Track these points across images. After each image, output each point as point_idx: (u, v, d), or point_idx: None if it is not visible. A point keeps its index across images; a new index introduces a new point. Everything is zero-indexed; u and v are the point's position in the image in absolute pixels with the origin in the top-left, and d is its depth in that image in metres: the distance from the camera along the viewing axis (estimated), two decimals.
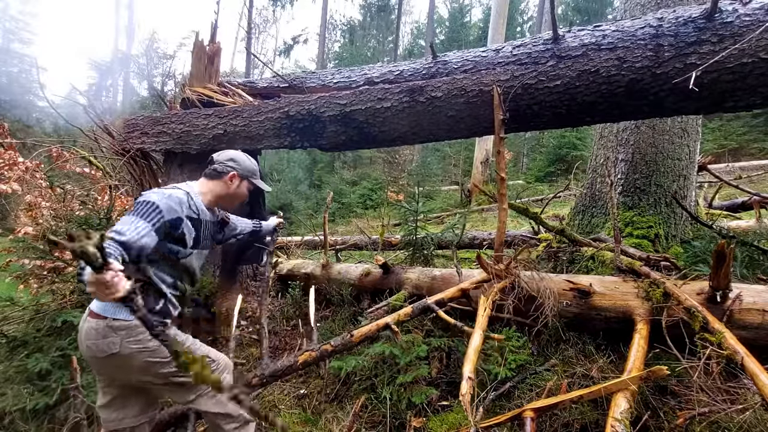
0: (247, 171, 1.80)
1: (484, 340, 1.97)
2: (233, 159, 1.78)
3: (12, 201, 4.96)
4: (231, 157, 1.78)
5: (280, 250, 5.95)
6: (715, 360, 1.65)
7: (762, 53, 2.04)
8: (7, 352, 2.32)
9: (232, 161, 1.76)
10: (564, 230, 3.18)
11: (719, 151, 10.87)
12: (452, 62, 2.86)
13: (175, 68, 33.36)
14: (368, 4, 30.31)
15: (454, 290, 2.37)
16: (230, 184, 1.74)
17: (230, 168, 1.74)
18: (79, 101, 4.17)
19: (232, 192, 1.76)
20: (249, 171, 1.81)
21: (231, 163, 1.76)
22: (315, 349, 2.17)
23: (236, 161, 1.77)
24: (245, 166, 1.80)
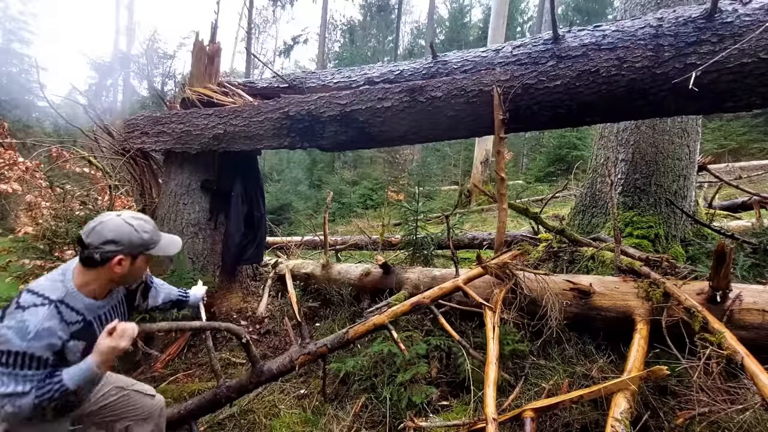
0: (136, 246, 1.37)
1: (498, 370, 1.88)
2: (114, 241, 1.32)
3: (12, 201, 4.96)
4: (109, 239, 1.32)
5: (280, 250, 5.95)
6: (715, 360, 1.64)
7: (762, 53, 2.04)
8: None
9: (112, 244, 1.32)
10: (564, 230, 3.18)
11: (719, 151, 10.87)
12: (452, 62, 2.86)
13: (175, 68, 33.38)
14: (368, 4, 30.29)
15: (450, 286, 2.33)
16: (120, 267, 1.34)
17: (112, 253, 1.32)
18: (79, 101, 4.17)
19: (125, 274, 1.38)
20: (139, 245, 1.38)
21: (111, 246, 1.32)
22: (311, 351, 2.15)
23: (118, 242, 1.33)
24: (131, 243, 1.35)
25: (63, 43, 57.47)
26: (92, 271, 1.34)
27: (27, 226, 3.74)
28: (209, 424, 2.29)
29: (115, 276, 1.37)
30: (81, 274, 1.34)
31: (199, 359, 3.08)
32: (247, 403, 2.43)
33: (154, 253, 1.45)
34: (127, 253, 1.35)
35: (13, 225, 4.38)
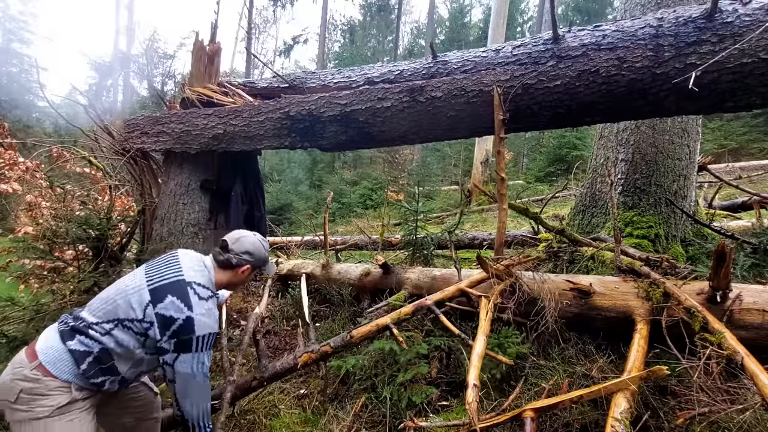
0: (260, 262, 1.73)
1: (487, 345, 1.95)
2: (249, 252, 1.67)
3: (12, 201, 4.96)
4: (247, 249, 1.67)
5: (281, 250, 5.96)
6: (715, 360, 1.64)
7: (762, 53, 2.05)
8: (8, 352, 2.31)
9: (248, 254, 1.67)
10: (564, 230, 3.18)
11: (719, 151, 10.87)
12: (452, 62, 2.86)
13: (175, 68, 33.38)
14: (368, 4, 30.29)
15: (453, 289, 2.36)
16: (240, 276, 1.69)
17: (245, 262, 1.67)
18: (79, 101, 4.17)
19: (239, 280, 1.71)
20: (262, 262, 1.73)
21: (246, 257, 1.67)
22: (315, 350, 2.16)
23: (252, 254, 1.68)
24: (259, 258, 1.71)
25: (63, 43, 57.42)
26: (223, 271, 1.65)
27: (27, 226, 3.74)
28: None
29: (233, 281, 1.68)
30: (217, 273, 1.63)
31: None
32: (247, 403, 2.43)
33: (264, 271, 1.80)
34: (253, 265, 1.70)
35: (13, 225, 4.38)
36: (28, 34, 23.43)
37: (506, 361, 2.00)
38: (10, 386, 1.34)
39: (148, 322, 1.41)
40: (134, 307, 1.42)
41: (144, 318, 1.41)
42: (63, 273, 3.16)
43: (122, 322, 1.42)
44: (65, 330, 1.43)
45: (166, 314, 1.40)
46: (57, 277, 3.12)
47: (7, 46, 22.63)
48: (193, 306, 1.43)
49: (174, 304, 1.42)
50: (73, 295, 2.80)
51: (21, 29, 23.11)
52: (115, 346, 1.41)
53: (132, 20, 32.93)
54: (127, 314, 1.42)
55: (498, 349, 2.18)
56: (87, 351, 1.39)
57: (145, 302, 1.42)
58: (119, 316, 1.42)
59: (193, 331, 1.42)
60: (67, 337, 1.41)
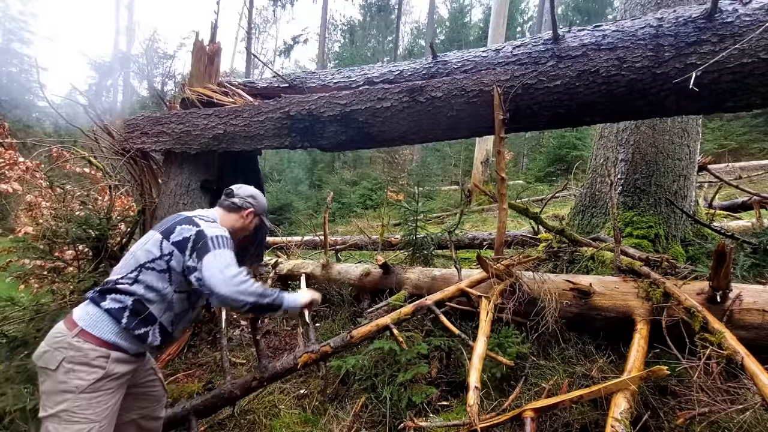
0: (262, 210, 1.87)
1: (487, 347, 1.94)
2: (253, 196, 1.83)
3: (12, 201, 4.96)
4: (251, 194, 1.84)
5: (280, 250, 5.96)
6: (715, 360, 1.64)
7: (762, 53, 2.04)
8: (8, 352, 2.31)
9: (252, 198, 1.82)
10: (564, 230, 3.18)
11: (719, 151, 10.86)
12: (452, 62, 2.86)
13: (175, 68, 33.37)
14: (368, 4, 30.28)
15: (453, 289, 2.36)
16: (245, 219, 1.80)
17: (249, 204, 1.81)
18: (79, 101, 4.17)
19: (244, 226, 1.82)
20: (263, 210, 1.89)
21: (251, 200, 1.82)
22: (315, 351, 2.16)
23: (255, 199, 1.84)
24: (261, 205, 1.87)
25: (63, 43, 57.43)
26: (228, 215, 1.76)
27: (27, 226, 3.74)
28: (209, 423, 2.29)
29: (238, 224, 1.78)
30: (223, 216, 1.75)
31: (199, 359, 3.08)
32: (247, 403, 2.43)
33: (265, 220, 1.91)
34: (256, 211, 1.83)
35: (13, 225, 4.38)
36: (28, 34, 23.45)
37: (507, 362, 2.01)
38: (53, 354, 1.38)
39: (167, 254, 1.51)
40: (150, 249, 1.53)
41: (162, 253, 1.51)
42: (63, 273, 3.16)
43: (144, 266, 1.50)
44: (95, 296, 1.50)
45: (180, 238, 1.52)
46: (57, 277, 3.13)
47: (7, 46, 22.63)
48: (200, 224, 1.57)
49: (184, 229, 1.54)
50: (73, 295, 2.80)
51: (21, 29, 23.12)
52: (145, 291, 1.49)
53: (132, 20, 32.94)
54: (147, 257, 1.51)
55: (498, 349, 2.18)
56: (122, 306, 1.46)
57: (158, 241, 1.53)
58: (140, 262, 1.51)
59: (205, 235, 1.52)
60: (99, 300, 1.48)
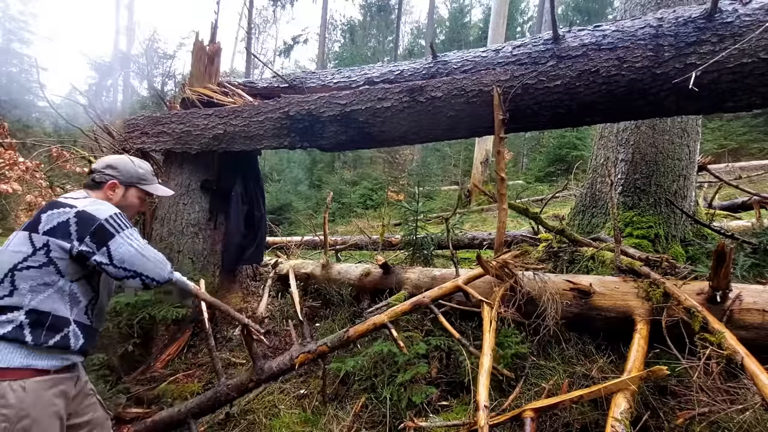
0: (131, 177, 1.57)
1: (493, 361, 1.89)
2: (111, 165, 1.54)
3: (12, 201, 4.96)
4: (109, 163, 1.55)
5: (281, 250, 5.95)
6: (715, 360, 1.64)
7: (762, 53, 2.04)
8: None
9: (110, 168, 1.53)
10: (564, 230, 3.18)
11: (719, 151, 10.86)
12: (452, 62, 2.86)
13: (175, 68, 33.34)
14: (368, 4, 30.28)
15: (450, 286, 2.32)
16: (111, 194, 1.53)
17: (108, 176, 1.52)
18: (79, 101, 4.17)
19: (117, 202, 1.53)
20: (134, 177, 1.57)
21: (109, 170, 1.53)
22: (312, 350, 2.15)
23: (115, 167, 1.54)
24: (128, 172, 1.56)
25: (63, 43, 57.44)
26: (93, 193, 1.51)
27: None
28: (209, 424, 2.29)
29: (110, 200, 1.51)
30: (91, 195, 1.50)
31: (199, 359, 3.08)
32: (247, 403, 2.43)
33: (145, 188, 1.61)
34: (121, 180, 1.55)
35: (13, 225, 4.38)
36: (28, 34, 23.43)
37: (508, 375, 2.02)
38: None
39: (42, 246, 1.30)
40: (18, 249, 1.30)
41: (36, 247, 1.30)
42: None
43: (15, 268, 1.28)
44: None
45: (53, 225, 1.31)
46: None
47: (7, 46, 22.62)
48: (73, 204, 1.37)
49: (53, 214, 1.33)
50: None
51: (21, 29, 23.10)
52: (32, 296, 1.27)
53: (132, 20, 32.94)
54: (16, 258, 1.29)
55: (498, 348, 2.18)
56: (16, 325, 1.24)
57: (26, 236, 1.31)
58: (9, 266, 1.28)
59: (93, 218, 1.34)
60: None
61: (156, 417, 2.11)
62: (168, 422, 2.10)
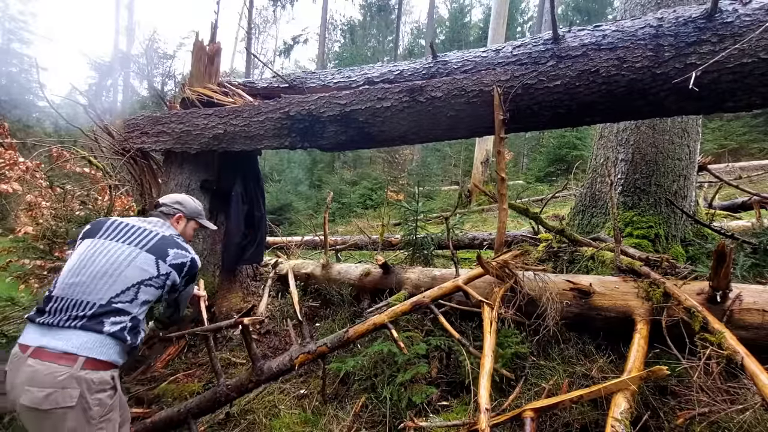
0: (193, 212, 1.96)
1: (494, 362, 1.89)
2: (179, 202, 1.93)
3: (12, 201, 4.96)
4: (177, 200, 1.94)
5: (281, 250, 5.95)
6: (715, 360, 1.64)
7: (762, 53, 2.04)
8: (8, 352, 2.31)
9: (178, 204, 1.92)
10: (564, 230, 3.18)
11: (719, 151, 10.87)
12: (452, 62, 2.86)
13: (175, 68, 33.33)
14: (368, 4, 30.26)
15: (450, 285, 2.32)
16: (177, 225, 1.88)
17: (177, 210, 1.89)
18: (79, 101, 4.17)
19: (180, 232, 1.87)
20: (195, 212, 1.97)
21: (177, 205, 1.91)
22: (311, 350, 2.15)
23: (182, 204, 1.93)
24: (191, 208, 1.96)
25: (63, 43, 57.39)
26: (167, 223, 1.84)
27: (27, 226, 3.74)
28: (209, 424, 2.29)
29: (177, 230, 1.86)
30: None
31: (199, 359, 3.08)
32: (247, 403, 2.43)
33: (201, 222, 2.00)
34: (186, 214, 1.92)
35: (13, 225, 4.38)
36: (28, 34, 23.45)
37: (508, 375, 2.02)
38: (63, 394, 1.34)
39: (164, 273, 1.63)
40: (146, 268, 1.59)
41: (160, 273, 1.61)
42: None
43: (143, 283, 1.57)
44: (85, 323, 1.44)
45: (177, 262, 1.67)
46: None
47: (7, 46, 22.63)
48: (188, 250, 1.75)
49: (178, 254, 1.69)
50: None
51: (21, 29, 23.12)
52: (140, 308, 1.57)
53: (132, 20, 32.92)
54: (143, 275, 1.57)
55: (498, 348, 2.18)
56: (122, 327, 1.50)
57: (152, 261, 1.61)
58: (138, 280, 1.56)
59: (197, 266, 1.77)
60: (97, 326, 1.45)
61: (156, 417, 2.11)
62: (168, 422, 2.09)
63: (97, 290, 1.49)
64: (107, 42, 59.67)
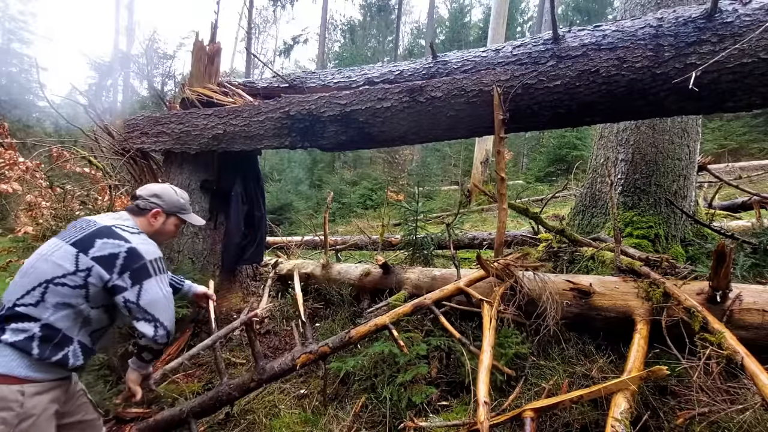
0: (174, 207, 1.67)
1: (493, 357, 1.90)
2: (157, 195, 1.63)
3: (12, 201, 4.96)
4: (155, 192, 1.64)
5: (281, 250, 5.96)
6: (715, 360, 1.64)
7: (762, 53, 2.04)
8: None
9: (155, 197, 1.62)
10: (564, 230, 3.18)
11: (719, 151, 10.86)
12: (452, 62, 2.86)
13: (175, 68, 33.34)
14: (368, 4, 30.27)
15: (452, 288, 2.34)
16: (155, 221, 1.61)
17: (153, 204, 1.61)
18: (79, 101, 4.17)
19: (157, 229, 1.63)
20: (176, 206, 1.68)
21: (155, 199, 1.61)
22: (313, 351, 2.16)
23: (160, 197, 1.63)
24: (171, 202, 1.66)
25: (63, 43, 57.38)
26: (139, 218, 1.59)
27: (27, 226, 3.74)
28: (209, 424, 2.29)
29: (152, 228, 1.60)
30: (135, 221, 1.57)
31: (199, 359, 3.07)
32: (247, 403, 2.43)
33: (185, 218, 1.73)
34: (165, 209, 1.64)
35: (13, 225, 4.38)
36: (28, 34, 23.44)
37: (508, 372, 2.01)
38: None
39: (84, 269, 1.33)
40: (61, 263, 1.33)
41: (78, 268, 1.33)
42: None
43: (52, 282, 1.31)
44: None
45: (104, 254, 1.36)
46: None
47: (7, 46, 22.63)
48: (127, 238, 1.42)
49: (107, 244, 1.38)
50: None
51: (21, 29, 23.11)
52: (53, 311, 1.30)
53: (132, 20, 32.91)
54: (55, 272, 1.32)
55: (498, 348, 2.18)
56: (28, 336, 1.27)
57: (72, 254, 1.34)
58: (46, 277, 1.31)
59: (141, 257, 1.41)
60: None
61: (158, 416, 2.11)
62: (169, 422, 2.09)
63: (8, 293, 1.33)
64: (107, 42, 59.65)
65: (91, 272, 1.34)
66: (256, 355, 2.11)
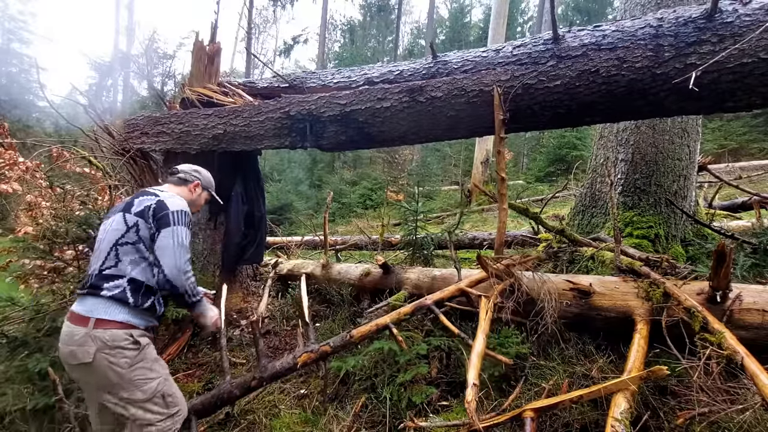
0: (208, 183, 2.06)
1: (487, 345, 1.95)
2: (197, 170, 2.01)
3: (12, 201, 4.96)
4: (195, 168, 2.02)
5: (281, 250, 5.96)
6: (715, 360, 1.64)
7: (762, 53, 2.04)
8: (8, 352, 2.32)
9: (196, 172, 2.00)
10: (564, 230, 3.18)
11: (719, 151, 10.86)
12: (452, 62, 2.86)
13: (175, 68, 33.33)
14: (368, 4, 30.27)
15: (452, 289, 2.36)
16: (193, 192, 1.97)
17: (195, 178, 1.98)
18: (79, 101, 4.17)
19: (194, 200, 1.97)
20: (209, 183, 2.07)
21: (195, 173, 1.99)
22: (314, 350, 2.16)
23: (200, 173, 2.02)
24: (206, 178, 2.05)
25: (63, 43, 57.36)
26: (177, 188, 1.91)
27: (27, 226, 3.73)
28: (209, 424, 2.29)
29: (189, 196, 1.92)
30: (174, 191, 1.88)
31: (199, 359, 3.08)
32: (247, 403, 2.43)
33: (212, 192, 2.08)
34: (202, 183, 2.01)
35: (13, 225, 4.38)
36: (28, 34, 23.43)
37: (506, 361, 2.00)
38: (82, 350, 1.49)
39: (132, 225, 1.63)
40: (117, 227, 1.64)
41: (128, 225, 1.63)
42: (63, 273, 3.16)
43: (117, 243, 1.61)
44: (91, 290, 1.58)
45: (141, 208, 1.65)
46: (57, 277, 3.12)
47: (7, 46, 22.62)
48: (159, 195, 1.73)
49: (144, 200, 1.68)
50: (73, 295, 2.79)
51: (20, 29, 23.10)
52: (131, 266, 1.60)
53: (132, 20, 32.90)
54: (117, 235, 1.62)
55: (499, 348, 2.18)
56: (122, 289, 1.57)
57: (121, 216, 1.65)
58: (113, 242, 1.62)
59: (166, 207, 1.67)
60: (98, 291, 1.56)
61: None
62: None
63: (94, 261, 1.65)
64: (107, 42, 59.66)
65: (138, 226, 1.63)
66: (260, 353, 2.12)
